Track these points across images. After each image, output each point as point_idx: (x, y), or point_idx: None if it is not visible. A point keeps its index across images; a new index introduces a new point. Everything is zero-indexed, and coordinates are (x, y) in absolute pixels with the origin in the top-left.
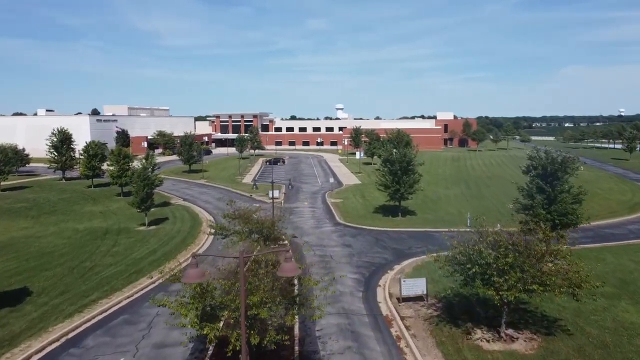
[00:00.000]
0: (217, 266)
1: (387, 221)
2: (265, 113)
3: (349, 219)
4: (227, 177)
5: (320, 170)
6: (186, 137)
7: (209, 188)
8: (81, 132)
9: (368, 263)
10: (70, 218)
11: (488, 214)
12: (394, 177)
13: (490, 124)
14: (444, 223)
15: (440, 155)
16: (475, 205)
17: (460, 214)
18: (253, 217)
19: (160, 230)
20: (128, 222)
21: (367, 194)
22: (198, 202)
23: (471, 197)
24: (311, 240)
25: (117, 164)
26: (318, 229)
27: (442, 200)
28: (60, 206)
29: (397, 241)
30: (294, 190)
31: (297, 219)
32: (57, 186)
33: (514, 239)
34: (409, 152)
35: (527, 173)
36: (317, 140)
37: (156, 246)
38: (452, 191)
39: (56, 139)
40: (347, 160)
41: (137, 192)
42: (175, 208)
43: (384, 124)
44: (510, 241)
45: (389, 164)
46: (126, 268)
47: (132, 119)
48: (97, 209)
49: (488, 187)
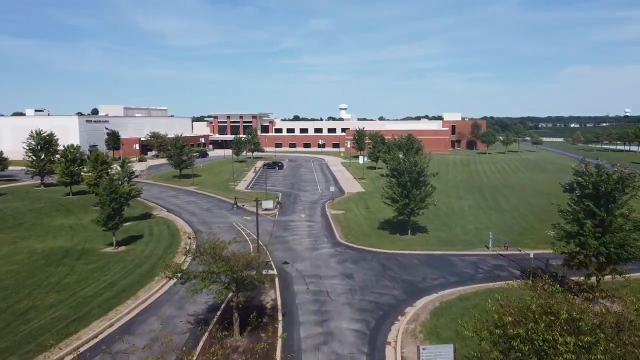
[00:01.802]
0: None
1: (395, 240)
2: (265, 114)
3: (351, 238)
4: (220, 183)
5: (320, 175)
6: (177, 140)
7: (198, 196)
8: (70, 134)
9: (373, 304)
10: (33, 234)
11: (510, 231)
12: (403, 190)
13: (495, 124)
14: (461, 243)
15: (449, 159)
16: (493, 220)
17: (478, 231)
18: (224, 253)
19: (129, 252)
20: (95, 241)
21: (371, 204)
22: (183, 213)
23: (488, 210)
24: (305, 269)
25: (94, 170)
26: (314, 251)
27: (455, 213)
28: (28, 219)
29: (407, 269)
30: (292, 199)
31: (292, 236)
32: (32, 194)
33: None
34: (421, 160)
35: (571, 192)
36: (318, 142)
37: (117, 276)
38: (466, 202)
39: (34, 141)
40: (350, 164)
41: (103, 207)
42: (156, 222)
43: (388, 125)
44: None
45: (397, 174)
46: (68, 312)
47: (125, 120)
48: (67, 222)
49: (505, 198)
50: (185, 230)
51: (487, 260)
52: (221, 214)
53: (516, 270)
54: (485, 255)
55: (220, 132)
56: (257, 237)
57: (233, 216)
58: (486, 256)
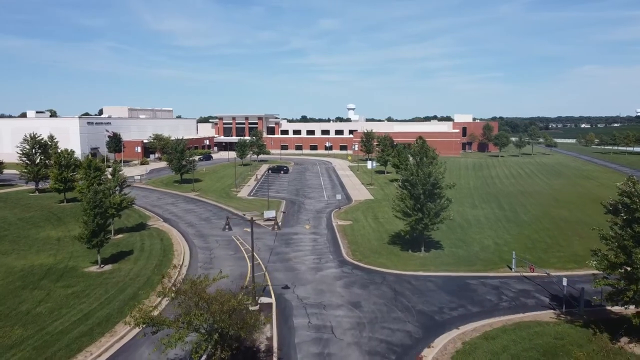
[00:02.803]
0: None
1: (407, 258)
2: (271, 115)
3: (359, 254)
4: (222, 189)
5: (327, 180)
6: (177, 143)
7: (198, 204)
8: (70, 136)
9: (385, 344)
10: (16, 248)
11: (533, 248)
12: (416, 203)
13: (505, 125)
14: (481, 263)
15: (460, 162)
16: (514, 235)
17: (497, 247)
18: (206, 293)
19: (114, 273)
20: (81, 257)
21: (380, 213)
22: (179, 224)
23: (507, 222)
24: (307, 295)
25: (87, 178)
26: (318, 271)
27: (472, 225)
28: (14, 230)
29: (422, 296)
30: (296, 208)
31: (294, 253)
32: (24, 200)
33: None
34: (436, 170)
35: (615, 214)
36: (325, 145)
37: (95, 305)
38: (482, 211)
39: (28, 145)
40: (358, 169)
41: (86, 223)
42: (149, 234)
43: (397, 126)
44: None
45: (409, 186)
46: (29, 356)
47: (128, 122)
48: (55, 234)
49: (524, 207)
50: (180, 244)
51: (510, 285)
52: (220, 225)
53: (544, 296)
54: (509, 278)
55: (226, 133)
56: (251, 264)
57: (233, 228)
58: (509, 279)
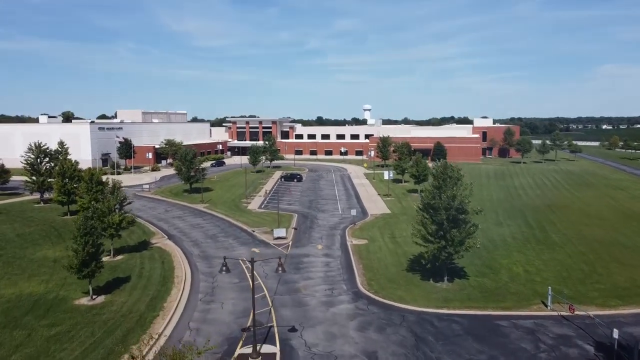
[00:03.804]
0: None
1: (428, 290)
2: (285, 118)
3: (375, 284)
4: (232, 200)
5: (342, 190)
6: (186, 153)
7: (206, 218)
8: (81, 142)
9: None
10: (7, 272)
11: (569, 278)
12: (439, 230)
13: (525, 126)
14: (512, 297)
15: (481, 170)
16: (546, 260)
17: (529, 277)
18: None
19: (105, 307)
20: (74, 286)
21: (397, 231)
22: (184, 242)
23: (535, 242)
24: (316, 341)
25: (88, 193)
26: (330, 307)
27: (498, 247)
28: (11, 249)
29: (447, 343)
30: (308, 223)
31: (304, 281)
32: (27, 213)
33: None
34: (460, 193)
35: None
36: (340, 150)
37: (77, 352)
38: (508, 229)
39: (33, 155)
40: (374, 177)
41: (76, 251)
42: (150, 255)
43: (415, 131)
44: None
45: (431, 210)
46: None
47: (140, 127)
48: (52, 254)
49: (553, 225)
50: (182, 268)
51: (547, 328)
52: (227, 243)
53: (588, 344)
54: (545, 319)
55: (239, 137)
56: (253, 316)
57: (240, 247)
58: (545, 319)
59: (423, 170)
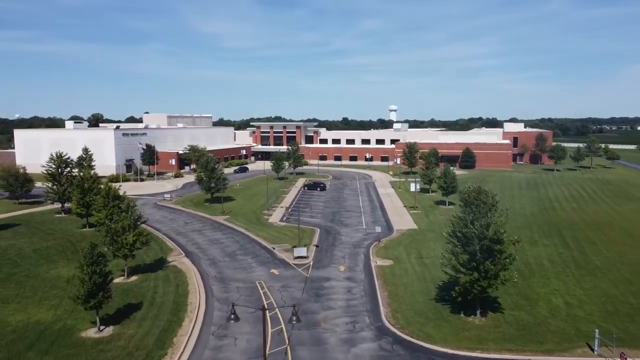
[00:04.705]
0: None
1: (459, 327)
2: (309, 122)
3: (401, 317)
4: (253, 211)
5: (366, 201)
6: (207, 162)
7: (225, 232)
8: (106, 148)
9: None
10: (18, 295)
11: (615, 313)
12: (471, 261)
13: (555, 127)
14: (552, 337)
15: (512, 179)
16: (588, 290)
17: (571, 311)
18: None
19: (112, 341)
20: (83, 313)
21: (424, 250)
22: (202, 261)
23: (575, 267)
24: None
25: (105, 208)
26: (351, 347)
27: (534, 272)
28: (25, 266)
29: None
30: (331, 239)
31: (323, 311)
32: (47, 224)
33: None
34: (495, 222)
35: None
36: (365, 156)
37: None
38: (544, 250)
39: (54, 165)
40: (400, 186)
41: (83, 282)
42: (165, 276)
43: (442, 136)
44: None
45: (463, 238)
46: None
47: (164, 132)
48: (67, 272)
49: (593, 246)
50: (196, 293)
51: None
52: (246, 263)
53: None
54: None
55: (263, 142)
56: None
57: (258, 268)
58: None
59: (452, 182)
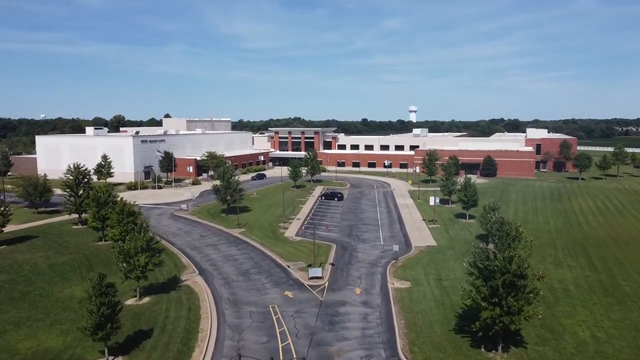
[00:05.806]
0: None
1: None
2: (327, 128)
3: (418, 350)
4: (269, 223)
5: (384, 212)
6: (224, 172)
7: (241, 247)
8: (125, 155)
9: None
10: (30, 317)
11: None
12: (493, 295)
13: (579, 130)
14: None
15: (535, 188)
16: (617, 321)
17: (599, 347)
18: None
19: None
20: (90, 344)
21: (444, 271)
22: (215, 280)
23: (602, 293)
24: None
25: (119, 225)
26: None
27: (558, 298)
28: (40, 284)
29: None
30: (347, 257)
31: (337, 342)
32: (64, 237)
33: None
34: (519, 256)
35: None
36: (384, 163)
37: None
38: (569, 273)
39: (71, 176)
40: (419, 196)
41: (91, 313)
42: (178, 297)
43: (463, 143)
44: None
45: (484, 270)
46: None
47: (182, 139)
48: (80, 292)
49: (622, 267)
50: (208, 319)
51: None
52: (260, 283)
53: None
54: None
55: (281, 147)
56: None
57: (272, 290)
58: None
59: (472, 196)
